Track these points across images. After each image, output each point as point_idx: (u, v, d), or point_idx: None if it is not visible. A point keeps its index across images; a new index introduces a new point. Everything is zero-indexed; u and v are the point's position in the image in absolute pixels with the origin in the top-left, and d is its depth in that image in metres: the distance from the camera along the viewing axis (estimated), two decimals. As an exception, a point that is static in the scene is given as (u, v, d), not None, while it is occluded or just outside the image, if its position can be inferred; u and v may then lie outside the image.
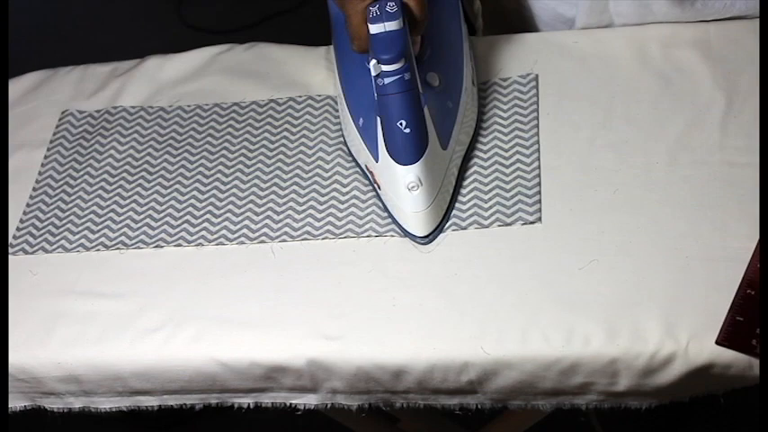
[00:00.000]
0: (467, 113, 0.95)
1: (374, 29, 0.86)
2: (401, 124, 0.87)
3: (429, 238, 0.90)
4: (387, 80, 0.86)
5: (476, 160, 0.95)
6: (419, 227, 0.90)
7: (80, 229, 0.99)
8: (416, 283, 0.88)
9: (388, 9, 0.86)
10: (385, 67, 0.86)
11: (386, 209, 0.92)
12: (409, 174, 0.88)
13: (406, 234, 0.90)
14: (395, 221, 0.91)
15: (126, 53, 1.17)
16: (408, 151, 0.88)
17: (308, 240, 0.93)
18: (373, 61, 0.86)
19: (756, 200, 0.86)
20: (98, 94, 1.12)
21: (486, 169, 0.95)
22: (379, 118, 0.89)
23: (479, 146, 0.96)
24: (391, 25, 0.86)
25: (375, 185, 0.93)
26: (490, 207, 0.92)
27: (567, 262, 0.87)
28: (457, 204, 0.93)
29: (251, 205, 0.97)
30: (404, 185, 0.89)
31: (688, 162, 0.92)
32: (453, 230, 0.91)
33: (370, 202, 0.94)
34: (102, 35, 2.16)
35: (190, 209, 0.98)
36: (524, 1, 1.08)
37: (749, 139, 0.91)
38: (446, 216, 0.91)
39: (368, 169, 0.94)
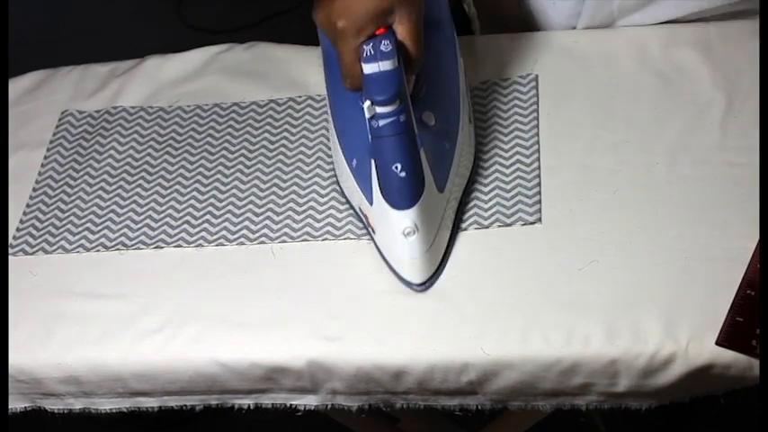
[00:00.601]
0: (464, 153, 0.92)
1: (368, 68, 0.83)
2: (396, 168, 0.84)
3: (425, 285, 0.87)
4: (381, 122, 0.83)
5: (476, 162, 0.95)
6: (415, 274, 0.87)
7: (80, 229, 0.99)
8: (416, 284, 0.88)
9: (382, 48, 0.82)
10: (379, 109, 0.82)
11: (380, 253, 0.89)
12: (405, 219, 0.85)
13: (402, 281, 0.87)
14: (390, 268, 0.88)
15: (126, 53, 1.17)
16: (404, 196, 0.85)
17: (308, 241, 0.93)
18: (367, 103, 0.83)
19: (756, 200, 0.86)
20: (98, 95, 1.12)
21: (486, 170, 0.94)
22: (373, 160, 0.85)
23: (480, 146, 0.96)
24: (386, 65, 0.82)
25: (369, 228, 0.90)
26: (490, 207, 0.92)
27: (566, 262, 0.87)
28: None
29: (251, 206, 0.97)
30: (399, 231, 0.85)
31: (688, 162, 0.92)
32: (453, 231, 0.91)
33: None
34: (102, 35, 2.16)
35: (190, 209, 0.98)
36: (525, 7, 1.08)
37: (749, 139, 0.91)
38: (443, 261, 0.88)
39: (362, 212, 0.90)
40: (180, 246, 0.95)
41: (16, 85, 1.15)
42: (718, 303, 0.81)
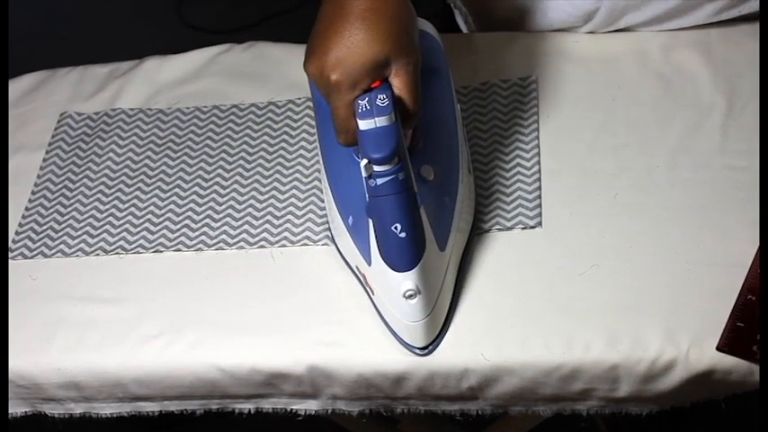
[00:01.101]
0: (464, 207, 0.88)
1: (363, 125, 0.78)
2: (396, 228, 0.80)
3: (428, 349, 0.83)
4: (379, 180, 0.79)
5: (475, 164, 0.95)
6: (418, 338, 0.83)
7: (79, 233, 0.98)
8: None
9: (378, 103, 0.78)
10: (377, 168, 0.78)
11: (380, 315, 0.85)
12: (406, 281, 0.81)
13: (403, 344, 0.84)
14: (391, 330, 0.84)
15: (125, 53, 1.17)
16: (404, 257, 0.80)
17: (308, 245, 0.93)
18: (364, 161, 0.78)
19: (757, 204, 0.86)
20: (97, 96, 1.11)
21: (486, 173, 0.94)
22: (371, 220, 0.81)
23: (479, 149, 0.96)
24: (382, 121, 0.78)
25: (368, 289, 0.86)
26: (490, 211, 0.91)
27: (567, 267, 0.86)
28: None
29: (250, 209, 0.97)
30: (400, 294, 0.81)
31: (688, 166, 0.91)
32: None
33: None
34: (101, 35, 2.16)
35: (189, 213, 0.98)
36: (523, 9, 1.07)
37: (750, 142, 0.91)
38: (446, 323, 0.84)
39: (359, 271, 0.86)
40: (179, 250, 0.95)
41: (15, 87, 1.15)
42: (719, 308, 0.81)
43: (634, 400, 0.83)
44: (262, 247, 0.94)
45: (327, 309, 0.88)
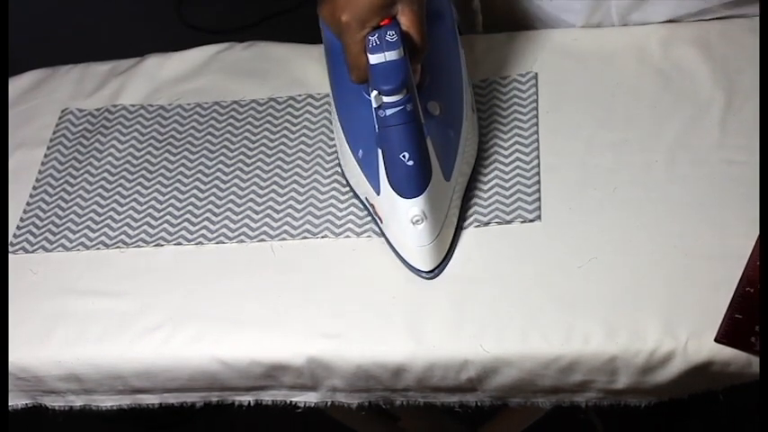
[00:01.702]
0: (468, 143, 0.93)
1: (374, 59, 0.83)
2: (404, 156, 0.85)
3: (434, 272, 0.88)
4: (388, 111, 0.84)
5: (475, 159, 0.95)
6: (425, 261, 0.88)
7: (80, 227, 0.99)
8: (416, 282, 0.88)
9: (388, 38, 0.83)
10: (386, 99, 0.83)
11: (388, 242, 0.90)
12: (413, 207, 0.86)
13: (411, 269, 0.88)
14: (399, 256, 0.89)
15: (126, 53, 1.17)
16: (412, 184, 0.86)
17: (308, 239, 0.93)
18: (374, 93, 0.83)
19: (756, 198, 0.86)
20: (98, 93, 1.12)
21: (486, 167, 0.95)
22: (380, 150, 0.86)
23: (479, 144, 0.96)
24: (392, 55, 0.83)
25: (376, 218, 0.91)
26: (489, 205, 0.92)
27: (566, 260, 0.87)
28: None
29: (251, 204, 0.97)
30: (408, 219, 0.86)
31: (687, 161, 0.92)
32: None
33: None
34: (101, 34, 2.16)
35: (190, 207, 0.98)
36: (525, 7, 1.08)
37: (749, 137, 0.91)
38: (450, 250, 0.89)
39: (368, 202, 0.91)
40: (180, 244, 0.96)
41: (16, 84, 1.15)
42: (718, 301, 0.82)
43: (632, 391, 0.84)
44: (262, 240, 0.94)
45: (327, 301, 0.88)
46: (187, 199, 0.99)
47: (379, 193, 0.88)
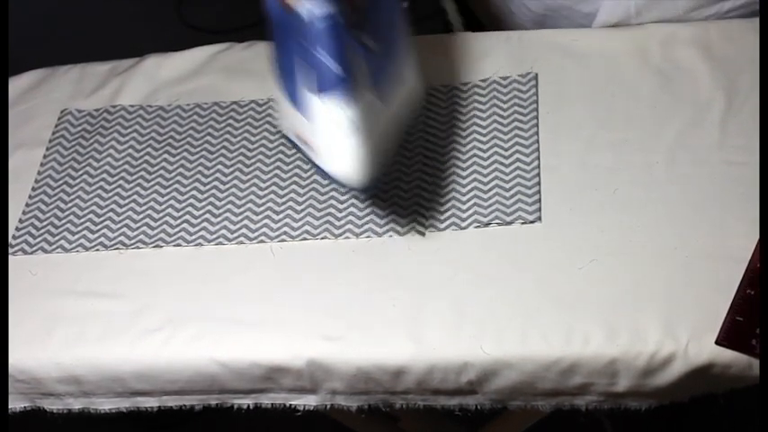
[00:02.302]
0: (405, 69, 0.93)
1: None
2: (323, 54, 0.84)
3: (366, 187, 0.89)
4: (313, 13, 0.83)
5: (475, 159, 0.95)
6: (354, 172, 0.87)
7: (79, 228, 0.98)
8: (416, 284, 0.88)
9: None
10: (308, 4, 0.83)
11: (319, 170, 0.90)
12: (338, 109, 0.85)
13: (340, 185, 0.89)
14: (329, 177, 0.89)
15: (125, 52, 1.17)
16: (333, 80, 0.84)
17: (308, 240, 0.93)
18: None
19: (756, 199, 0.86)
20: (97, 93, 1.11)
21: (486, 168, 0.94)
22: (300, 58, 0.86)
23: (479, 144, 0.96)
24: None
25: (310, 152, 0.91)
26: (489, 206, 0.92)
27: (566, 261, 0.87)
28: (456, 203, 0.93)
29: (250, 205, 0.97)
30: (340, 128, 0.86)
31: (687, 161, 0.91)
32: (453, 230, 0.91)
33: (370, 202, 0.94)
34: (101, 34, 2.16)
35: (189, 209, 0.98)
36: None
37: (749, 138, 0.91)
38: (380, 175, 0.89)
39: (301, 140, 0.91)
40: (179, 245, 0.95)
41: (15, 84, 1.15)
42: (718, 303, 0.81)
43: (633, 394, 0.83)
44: (261, 241, 0.94)
45: (326, 303, 0.88)
46: (186, 200, 0.99)
47: (305, 111, 0.87)
